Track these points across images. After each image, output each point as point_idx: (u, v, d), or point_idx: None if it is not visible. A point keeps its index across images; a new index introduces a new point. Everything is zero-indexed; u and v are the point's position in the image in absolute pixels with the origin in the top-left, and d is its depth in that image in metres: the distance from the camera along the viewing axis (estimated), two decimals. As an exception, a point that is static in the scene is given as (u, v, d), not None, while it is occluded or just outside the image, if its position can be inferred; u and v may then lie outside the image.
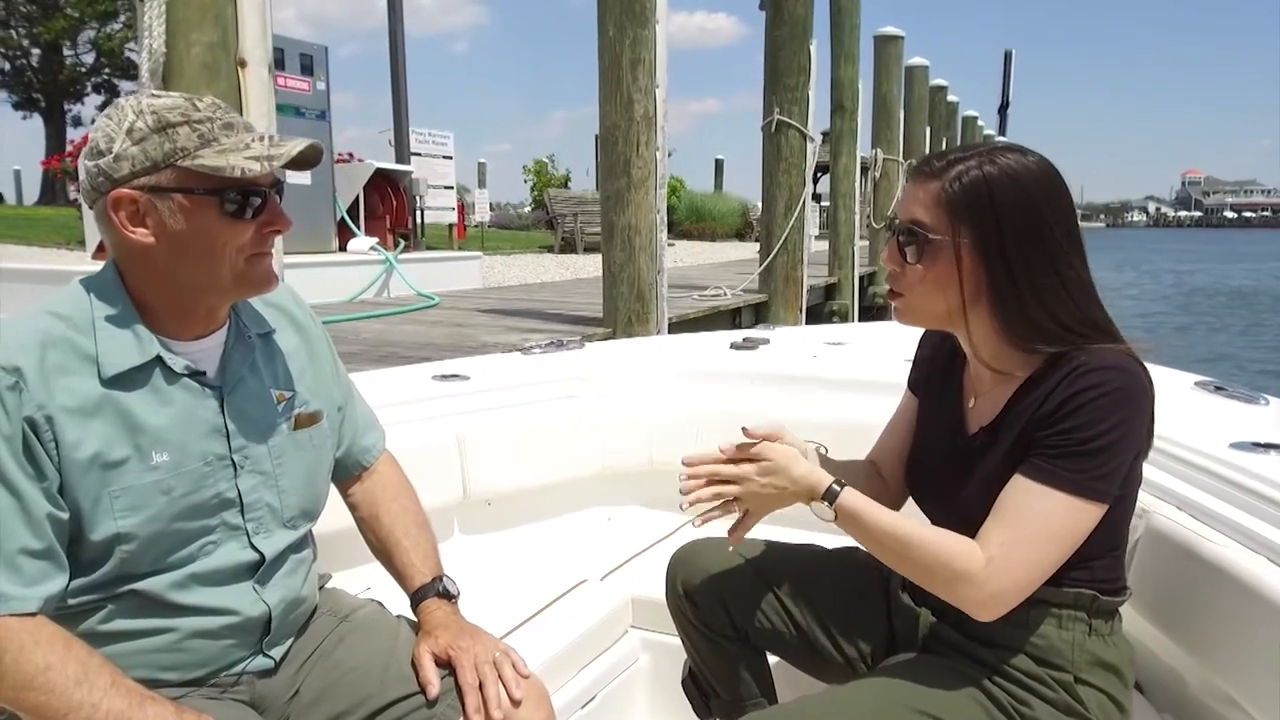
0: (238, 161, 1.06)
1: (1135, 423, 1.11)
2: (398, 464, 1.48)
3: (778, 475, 1.25)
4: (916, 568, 1.17)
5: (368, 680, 1.22)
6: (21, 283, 6.36)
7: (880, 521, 1.19)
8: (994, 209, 1.13)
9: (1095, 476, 1.09)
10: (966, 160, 1.15)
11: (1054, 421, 1.11)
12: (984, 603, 1.12)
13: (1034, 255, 1.13)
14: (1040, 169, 1.15)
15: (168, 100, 1.07)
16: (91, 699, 0.98)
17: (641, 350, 2.90)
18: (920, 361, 1.44)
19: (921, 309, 1.22)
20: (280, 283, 1.23)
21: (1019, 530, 1.11)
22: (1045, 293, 1.14)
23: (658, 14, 4.94)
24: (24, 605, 0.99)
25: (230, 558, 1.16)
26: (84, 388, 1.05)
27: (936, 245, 1.16)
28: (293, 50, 7.88)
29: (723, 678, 1.51)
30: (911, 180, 1.20)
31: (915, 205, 1.18)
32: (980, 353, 1.23)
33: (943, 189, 1.15)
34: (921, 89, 15.86)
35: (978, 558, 1.11)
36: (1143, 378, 1.13)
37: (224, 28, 2.76)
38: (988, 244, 1.14)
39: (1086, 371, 1.10)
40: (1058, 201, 1.15)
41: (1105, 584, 1.19)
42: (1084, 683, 1.17)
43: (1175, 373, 2.19)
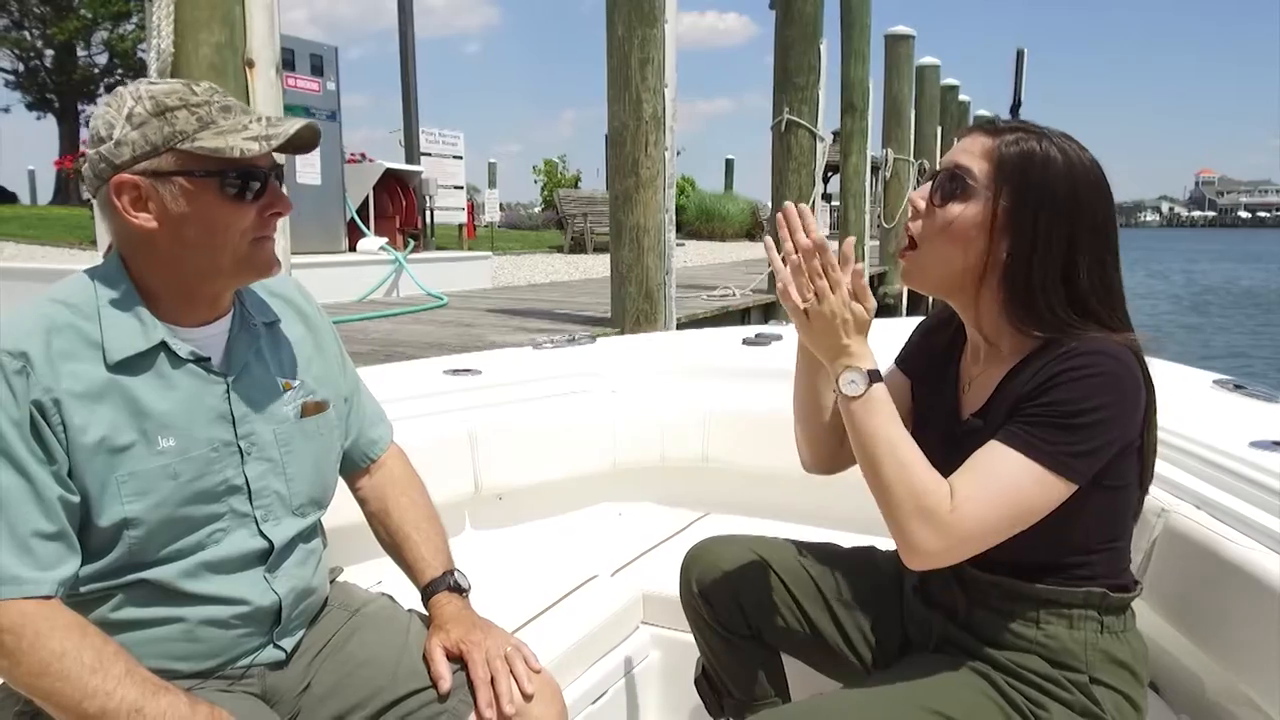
0: (236, 142, 1.06)
1: (1121, 409, 1.09)
2: (406, 458, 1.48)
3: (855, 325, 1.15)
4: (889, 488, 1.11)
5: (379, 674, 1.22)
6: (31, 282, 6.40)
7: (890, 427, 1.13)
8: (1039, 184, 1.12)
9: (1068, 452, 1.07)
10: (1028, 131, 1.15)
11: (1036, 394, 1.10)
12: (930, 550, 1.08)
13: (1055, 241, 1.12)
14: (1091, 164, 1.15)
15: (165, 85, 1.09)
16: (105, 687, 0.98)
17: (653, 346, 2.89)
18: (915, 345, 1.41)
19: (932, 264, 1.19)
20: (285, 274, 1.23)
21: (981, 488, 1.09)
22: (1049, 282, 1.13)
23: (666, 13, 4.93)
24: (39, 588, 1.00)
25: (239, 545, 1.16)
26: (90, 373, 1.06)
27: (973, 195, 1.15)
28: (303, 51, 7.90)
29: (736, 676, 1.51)
30: (968, 132, 1.20)
31: (965, 154, 1.17)
32: (982, 321, 1.22)
33: (998, 146, 1.15)
34: (933, 88, 15.80)
35: (946, 503, 1.08)
36: (1134, 369, 1.11)
37: (231, 28, 2.76)
38: (1021, 213, 1.13)
39: (1075, 354, 1.10)
40: (1098, 199, 1.14)
41: (1112, 580, 1.18)
42: (1099, 683, 1.15)
43: (1194, 370, 2.18)
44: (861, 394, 1.14)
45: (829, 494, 1.31)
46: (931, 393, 1.35)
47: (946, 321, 1.34)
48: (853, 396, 1.15)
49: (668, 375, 2.45)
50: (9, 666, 0.98)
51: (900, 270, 1.25)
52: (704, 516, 2.32)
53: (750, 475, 2.24)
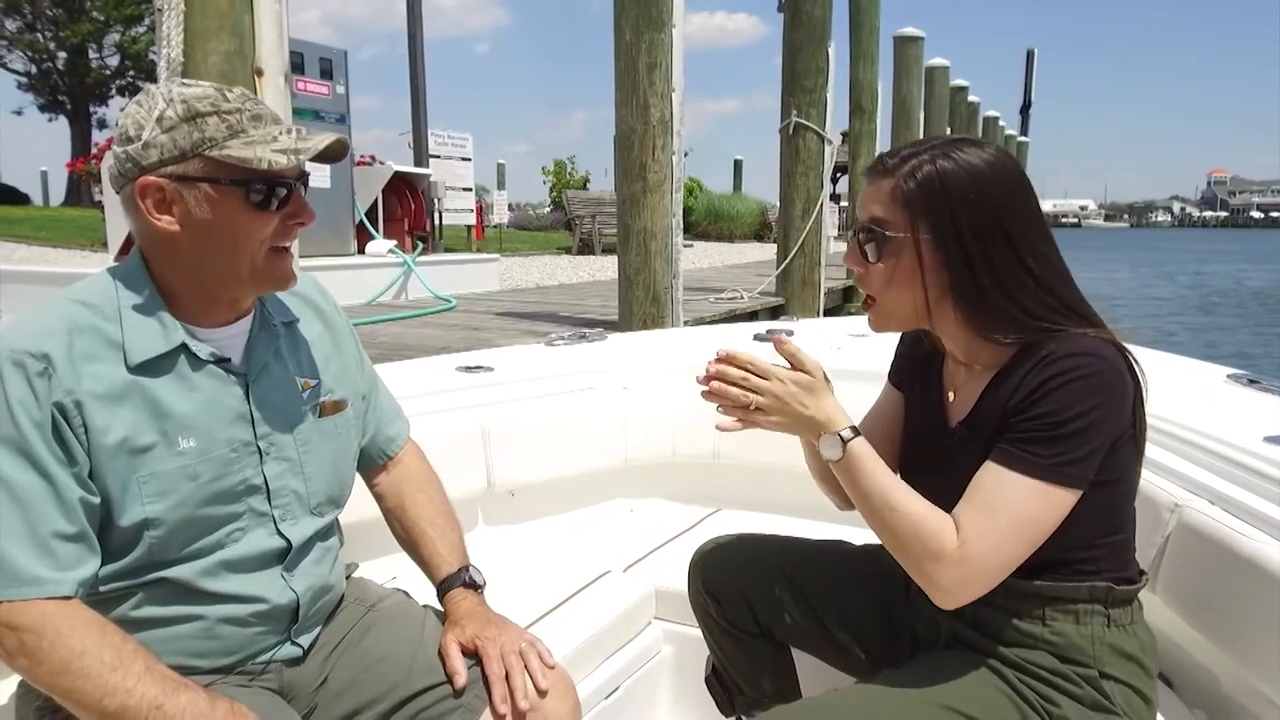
0: (265, 154, 1.07)
1: (1110, 408, 1.09)
2: (423, 454, 1.48)
3: (809, 394, 1.20)
4: (893, 536, 1.14)
5: (395, 669, 1.23)
6: (41, 285, 6.44)
7: (879, 479, 1.16)
8: (949, 203, 1.12)
9: (1065, 461, 1.08)
10: (919, 155, 1.15)
11: (1025, 408, 1.10)
12: (949, 588, 1.10)
13: (994, 246, 1.12)
14: (995, 160, 1.14)
15: (198, 89, 1.08)
16: (126, 684, 0.98)
17: (664, 342, 2.90)
18: (901, 357, 1.43)
19: (892, 311, 1.21)
20: (303, 276, 1.24)
21: (989, 517, 1.09)
22: (1010, 283, 1.13)
23: (674, 17, 4.93)
24: (59, 589, 1.00)
25: (258, 544, 1.17)
26: (111, 374, 1.06)
27: (896, 243, 1.15)
28: (312, 54, 7.94)
29: (746, 675, 1.51)
30: (867, 179, 1.20)
31: (872, 204, 1.17)
32: (952, 347, 1.22)
33: (897, 185, 1.15)
34: (942, 90, 15.76)
35: (952, 539, 1.10)
36: (1118, 363, 1.11)
37: (240, 37, 2.78)
38: (945, 238, 1.13)
39: (1057, 358, 1.09)
40: (1016, 191, 1.14)
41: (1116, 573, 1.18)
42: (1108, 677, 1.15)
43: (1208, 365, 2.17)
44: (840, 457, 1.17)
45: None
46: (918, 403, 1.35)
47: (927, 332, 1.34)
48: (834, 460, 1.18)
49: (679, 371, 2.45)
50: (30, 665, 0.99)
51: (869, 323, 1.26)
52: (715, 512, 2.33)
53: (761, 471, 2.25)
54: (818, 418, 1.20)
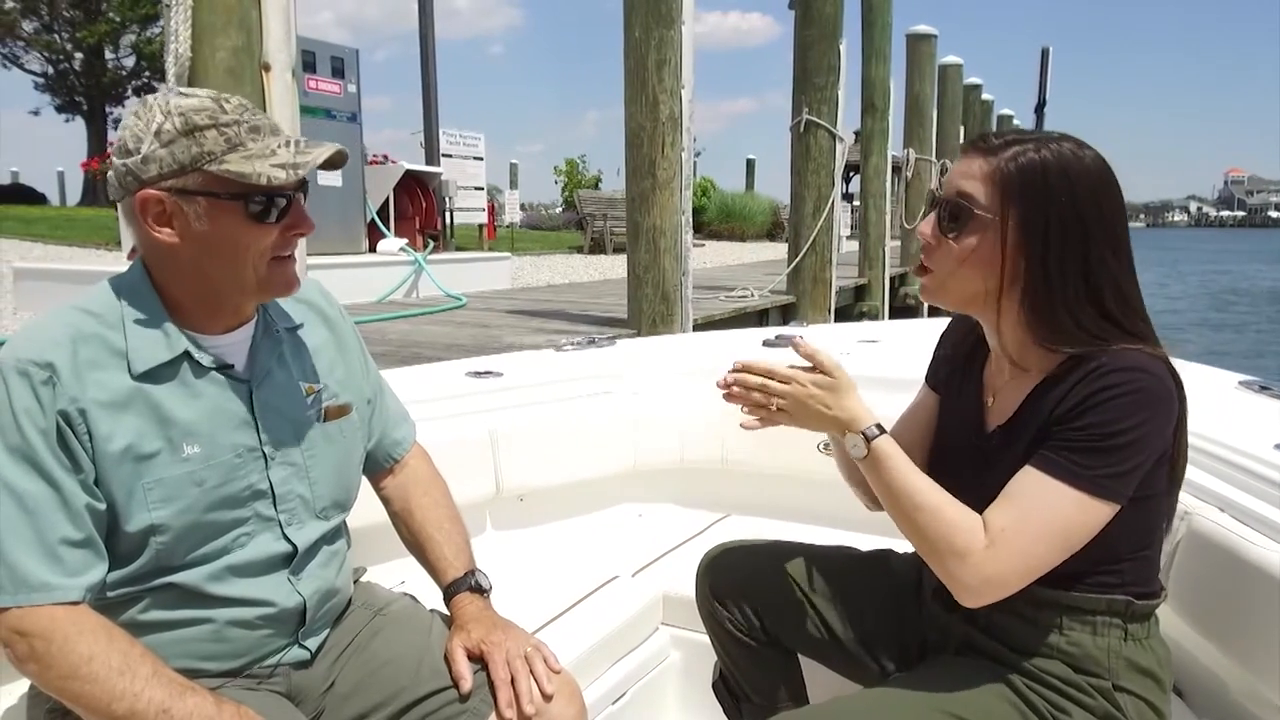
0: (263, 169, 1.06)
1: (1156, 424, 1.08)
2: (429, 458, 1.49)
3: (830, 393, 1.21)
4: (919, 533, 1.14)
5: (402, 673, 1.23)
6: (57, 282, 6.49)
7: (906, 475, 1.16)
8: (1046, 196, 1.09)
9: (1107, 475, 1.06)
10: (1024, 142, 1.12)
11: (1071, 418, 1.08)
12: (975, 587, 1.09)
13: (1071, 252, 1.10)
14: (1096, 164, 1.12)
15: (195, 101, 1.08)
16: (133, 689, 0.99)
17: (674, 348, 2.89)
18: (940, 359, 1.41)
19: (953, 288, 1.18)
20: (306, 280, 1.24)
21: (1022, 520, 1.08)
22: (1070, 294, 1.11)
23: (684, 14, 4.92)
24: (67, 595, 1.01)
25: (264, 549, 1.17)
26: (115, 382, 1.07)
27: (981, 223, 1.12)
28: (324, 53, 7.97)
29: (754, 681, 1.50)
30: (965, 154, 1.16)
31: (966, 179, 1.14)
32: (1005, 343, 1.20)
33: (998, 167, 1.11)
34: (955, 88, 15.68)
35: (979, 538, 1.09)
36: (1167, 380, 1.09)
37: (248, 32, 2.78)
38: (1032, 231, 1.10)
39: (1108, 371, 1.07)
40: (1108, 201, 1.12)
41: (1138, 588, 1.16)
42: (1122, 690, 1.14)
43: (1219, 371, 2.15)
44: (866, 455, 1.18)
45: (848, 496, 1.32)
46: (954, 403, 1.33)
47: (969, 331, 1.33)
48: (860, 459, 1.19)
49: (688, 377, 2.45)
50: (39, 670, 1.00)
51: (919, 288, 1.24)
52: (724, 518, 2.32)
53: (770, 477, 2.24)
54: (841, 417, 1.20)
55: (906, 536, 1.17)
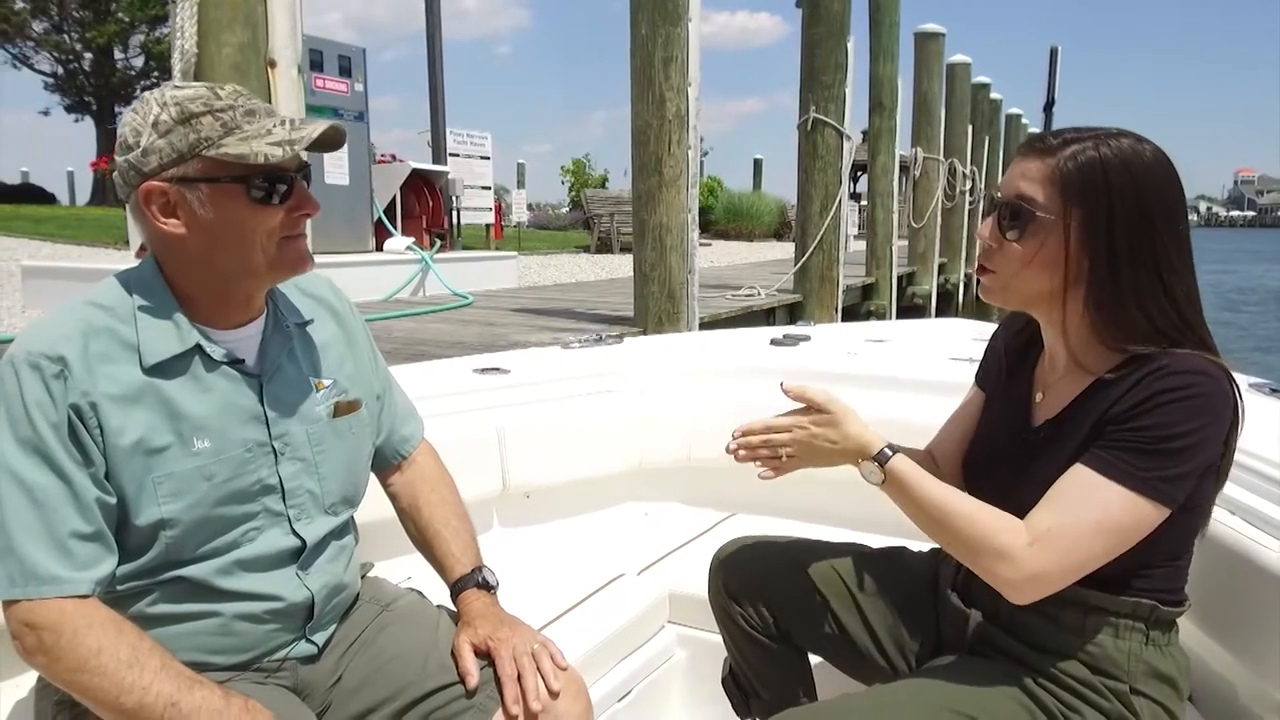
0: (260, 148, 1.06)
1: (1212, 432, 1.06)
2: (437, 455, 1.49)
3: (831, 428, 1.24)
4: (957, 541, 1.14)
5: (408, 669, 1.23)
6: (66, 280, 6.51)
7: (929, 490, 1.16)
8: (1108, 193, 1.08)
9: (1160, 477, 1.05)
10: (1082, 140, 1.10)
11: (1128, 418, 1.07)
12: (1020, 584, 1.09)
13: (1139, 248, 1.08)
14: (1156, 159, 1.10)
15: (190, 90, 1.08)
16: (142, 681, 0.99)
17: (681, 346, 2.89)
18: (991, 357, 1.40)
19: (1015, 288, 1.16)
20: (317, 276, 1.24)
21: (1071, 517, 1.07)
22: (1144, 290, 1.09)
23: (690, 12, 4.90)
24: (76, 588, 1.01)
25: (273, 544, 1.18)
26: (126, 376, 1.07)
27: (1042, 224, 1.11)
28: (331, 52, 7.96)
29: (764, 677, 1.50)
30: (1022, 155, 1.15)
31: (1025, 180, 1.12)
32: (1070, 341, 1.17)
33: (1057, 166, 1.10)
34: (963, 87, 15.62)
35: (1021, 537, 1.08)
36: (1228, 389, 1.07)
37: (254, 28, 2.79)
38: (1096, 229, 1.09)
39: (1169, 374, 1.06)
40: (1171, 195, 1.10)
41: (1165, 594, 1.15)
42: (1139, 693, 1.13)
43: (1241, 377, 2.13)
44: (883, 479, 1.20)
45: (858, 495, 1.31)
46: (1001, 400, 1.32)
47: (1023, 327, 1.32)
48: (879, 485, 1.21)
49: (695, 375, 2.45)
50: (48, 663, 1.00)
51: (979, 288, 1.23)
52: (731, 516, 2.32)
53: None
54: (849, 448, 1.23)
55: (946, 548, 1.18)
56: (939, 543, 1.19)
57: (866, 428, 1.24)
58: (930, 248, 13.04)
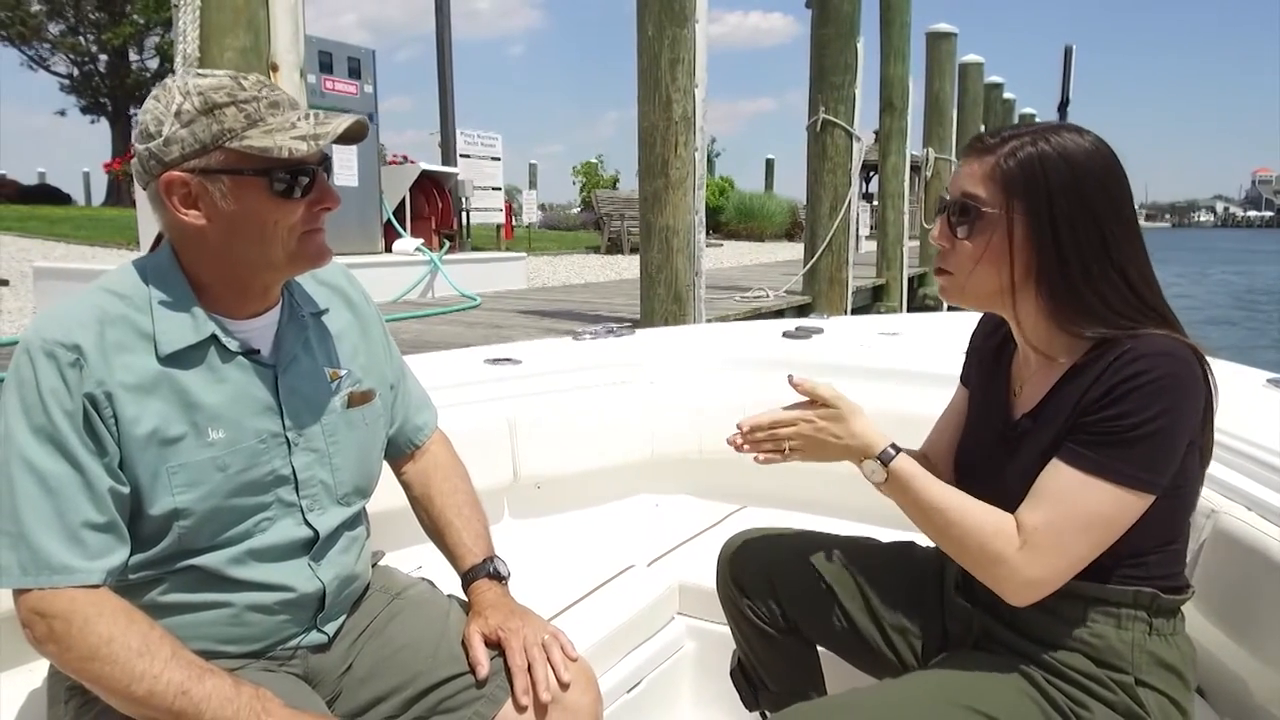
0: (284, 142, 1.06)
1: (1184, 411, 1.07)
2: (450, 444, 1.49)
3: (837, 424, 1.25)
4: (955, 544, 1.16)
5: (418, 658, 1.23)
6: (74, 281, 6.55)
7: (929, 492, 1.18)
8: (1046, 186, 1.11)
9: (1140, 466, 1.06)
10: (1020, 137, 1.13)
11: (1099, 408, 1.07)
12: (1018, 588, 1.11)
13: (1085, 237, 1.11)
14: (1095, 150, 1.12)
15: (213, 80, 1.07)
16: (153, 670, 0.99)
17: (693, 338, 2.87)
18: (971, 352, 1.42)
19: (969, 286, 1.19)
20: (331, 265, 1.24)
21: (1056, 517, 1.08)
22: (1096, 276, 1.11)
23: (697, 13, 4.89)
24: (88, 577, 1.02)
25: (285, 534, 1.18)
26: (142, 365, 1.07)
27: (989, 220, 1.14)
28: (340, 54, 7.98)
29: (772, 670, 1.50)
30: (965, 156, 1.19)
31: (968, 180, 1.16)
32: (1028, 335, 1.20)
33: (997, 164, 1.13)
34: (976, 86, 15.54)
35: (1013, 541, 1.10)
36: (1194, 366, 1.09)
37: (256, 32, 2.79)
38: (1039, 222, 1.11)
39: (1134, 358, 1.07)
40: (1113, 184, 1.12)
41: (1164, 581, 1.15)
42: (1145, 685, 1.13)
43: (1247, 369, 2.12)
44: (885, 479, 1.21)
45: (867, 488, 1.30)
46: (983, 395, 1.34)
47: (996, 327, 1.34)
48: (880, 484, 1.22)
49: (707, 367, 2.44)
50: (59, 651, 1.00)
51: (939, 289, 1.25)
52: (741, 509, 2.31)
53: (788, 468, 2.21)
54: (853, 445, 1.23)
55: (943, 549, 1.19)
56: (938, 545, 1.21)
57: (872, 426, 1.25)
58: (942, 249, 12.94)
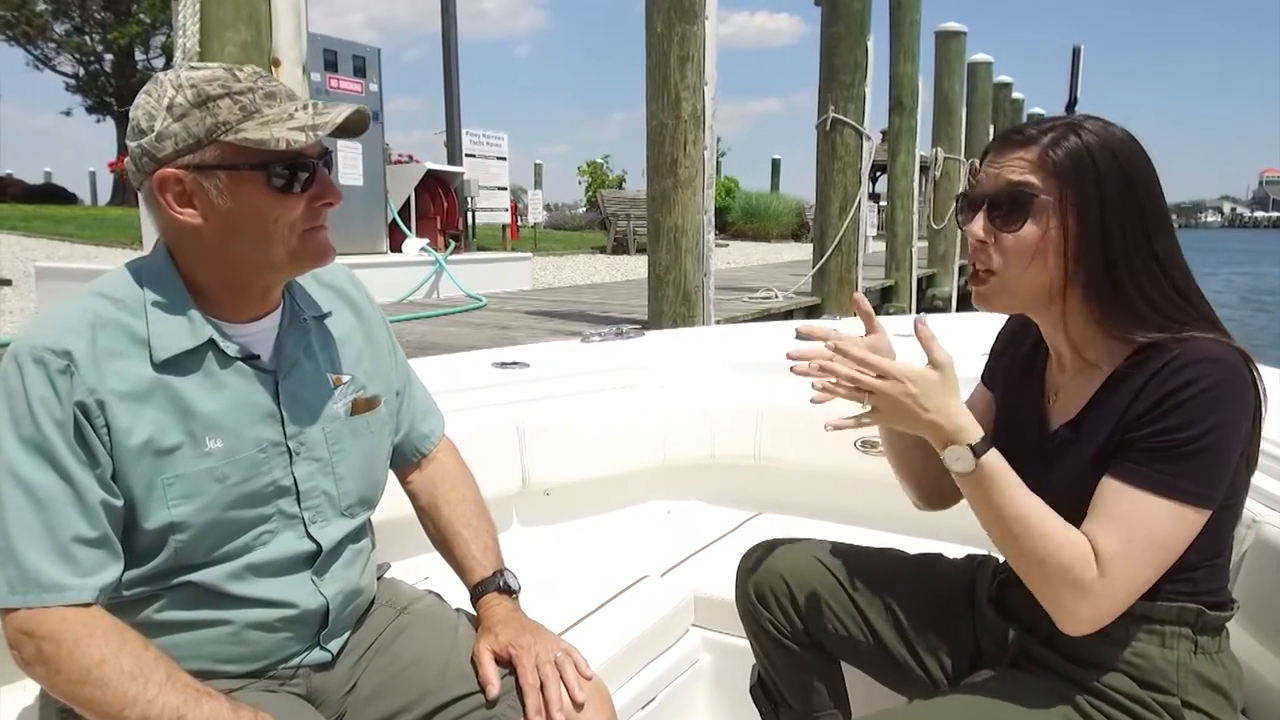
0: (281, 133, 1.00)
1: (1239, 421, 1.02)
2: (457, 452, 1.44)
3: (937, 395, 1.07)
4: (1029, 561, 1.05)
5: (427, 676, 1.19)
6: (75, 282, 6.51)
7: (1015, 497, 1.05)
8: (1096, 175, 1.06)
9: (1201, 481, 1.01)
10: (1057, 128, 1.09)
11: (1151, 420, 1.02)
12: (1088, 620, 1.04)
13: (1132, 229, 1.06)
14: (1130, 141, 1.09)
15: (206, 72, 1.02)
16: (146, 694, 0.95)
17: (703, 340, 2.82)
18: (996, 355, 1.36)
19: (1016, 287, 1.11)
20: (335, 266, 1.19)
21: (1128, 545, 1.02)
22: (1140, 273, 1.06)
23: (707, 10, 4.83)
24: (79, 596, 0.97)
25: (287, 548, 1.13)
26: (135, 372, 1.02)
27: (1041, 207, 1.07)
28: (345, 52, 7.96)
29: (794, 686, 1.45)
30: (1000, 149, 1.12)
31: (1013, 170, 1.09)
32: (1072, 335, 1.14)
33: (1044, 152, 1.07)
34: (985, 86, 15.46)
35: (1092, 569, 1.02)
36: (1245, 371, 1.04)
37: (258, 27, 2.75)
38: (1089, 213, 1.06)
39: (1184, 365, 1.01)
40: (1153, 177, 1.09)
41: (1210, 596, 1.10)
42: (1191, 707, 1.08)
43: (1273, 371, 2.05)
44: (972, 469, 1.05)
45: (888, 496, 1.23)
46: (1014, 402, 1.28)
47: (1024, 329, 1.28)
48: (963, 474, 1.07)
49: (718, 370, 2.39)
50: (48, 674, 0.96)
51: (976, 296, 1.17)
52: (756, 516, 2.26)
53: (804, 474, 2.17)
54: (945, 426, 1.06)
55: (1012, 562, 1.09)
56: (1007, 555, 1.10)
57: (966, 410, 1.09)
58: (951, 249, 12.87)
